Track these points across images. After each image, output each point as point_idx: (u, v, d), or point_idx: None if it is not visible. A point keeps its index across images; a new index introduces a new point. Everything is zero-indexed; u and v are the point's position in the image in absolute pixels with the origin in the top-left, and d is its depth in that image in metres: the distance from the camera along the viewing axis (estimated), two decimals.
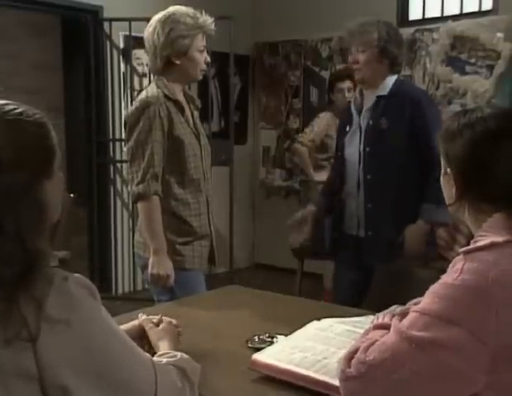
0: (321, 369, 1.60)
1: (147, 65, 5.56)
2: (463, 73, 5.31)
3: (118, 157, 5.86)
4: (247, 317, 2.26)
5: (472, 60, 5.27)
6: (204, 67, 2.88)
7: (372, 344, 1.40)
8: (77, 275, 1.32)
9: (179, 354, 1.55)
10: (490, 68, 5.16)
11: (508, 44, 5.09)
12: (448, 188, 1.55)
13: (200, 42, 2.82)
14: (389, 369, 1.34)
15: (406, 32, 5.71)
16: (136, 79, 5.87)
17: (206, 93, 5.71)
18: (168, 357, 1.53)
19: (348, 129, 3.26)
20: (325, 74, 6.33)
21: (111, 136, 5.85)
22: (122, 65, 5.82)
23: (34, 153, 1.31)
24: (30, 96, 7.02)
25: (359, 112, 3.20)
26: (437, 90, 5.49)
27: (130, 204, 5.76)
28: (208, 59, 2.88)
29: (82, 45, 5.82)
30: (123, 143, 5.63)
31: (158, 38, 2.73)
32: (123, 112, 5.68)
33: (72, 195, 4.52)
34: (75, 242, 5.89)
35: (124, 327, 1.79)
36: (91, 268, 5.94)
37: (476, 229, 1.47)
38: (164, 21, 2.74)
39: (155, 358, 1.53)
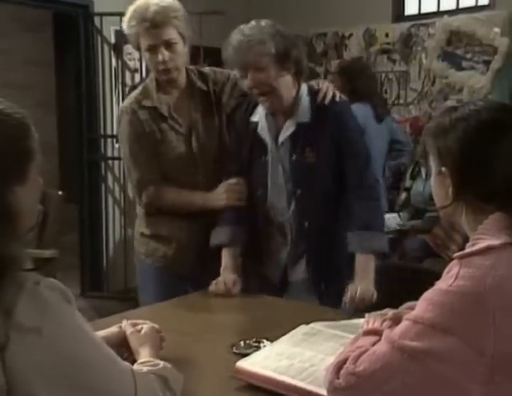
0: (308, 377, 1.53)
1: (139, 60, 5.52)
2: (460, 68, 5.26)
3: (109, 153, 5.78)
4: (234, 320, 2.18)
5: (469, 55, 5.22)
6: (160, 67, 2.54)
7: (363, 353, 1.33)
8: (50, 279, 1.26)
9: (162, 363, 1.48)
10: (487, 63, 5.11)
11: (505, 39, 5.04)
12: (442, 189, 1.45)
13: (145, 40, 2.52)
14: (380, 380, 1.28)
15: (402, 27, 5.69)
16: (128, 74, 5.79)
17: None
18: (149, 366, 1.46)
19: (263, 159, 2.55)
20: (320, 70, 6.28)
21: (102, 132, 5.77)
22: (113, 60, 5.74)
23: (5, 156, 1.24)
24: (22, 92, 7.00)
25: (275, 140, 2.53)
26: (433, 86, 5.46)
27: (122, 201, 5.70)
28: (160, 59, 2.50)
29: (73, 41, 5.75)
30: (114, 140, 5.60)
31: None
32: (114, 108, 5.61)
33: (60, 192, 4.46)
34: (66, 240, 5.82)
35: (103, 333, 1.72)
36: (82, 266, 5.87)
37: (473, 232, 1.39)
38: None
39: (136, 366, 1.46)
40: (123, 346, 1.70)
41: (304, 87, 2.52)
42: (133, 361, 1.55)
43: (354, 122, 2.61)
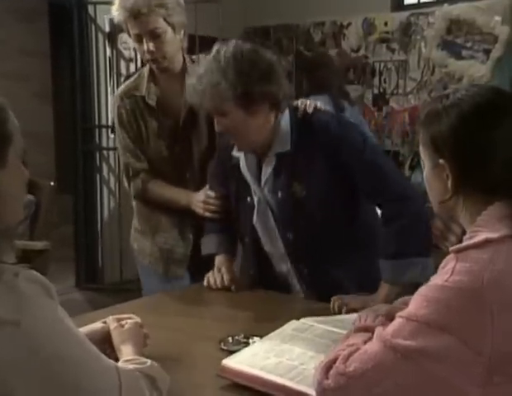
0: (297, 376, 1.45)
1: (134, 49, 5.43)
2: (459, 57, 5.16)
3: (104, 144, 5.71)
4: (223, 315, 2.11)
5: (469, 44, 5.13)
6: (146, 57, 2.46)
7: (353, 352, 1.26)
8: (31, 271, 1.20)
9: (149, 361, 1.42)
10: (487, 52, 5.00)
11: (505, 27, 4.94)
12: (440, 183, 1.36)
13: (130, 29, 2.43)
14: (371, 381, 1.21)
15: (401, 16, 5.61)
16: (123, 64, 5.70)
17: None
18: (136, 363, 1.40)
19: (249, 200, 2.26)
20: None
21: (96, 122, 5.68)
22: (108, 50, 5.66)
23: None
24: (18, 82, 6.95)
25: (258, 179, 2.23)
26: (432, 75, 5.37)
27: (118, 192, 5.62)
28: (145, 48, 2.41)
29: (68, 30, 5.66)
30: (109, 130, 5.54)
31: None
32: (109, 98, 5.53)
33: (52, 183, 4.40)
34: (60, 231, 5.77)
35: (86, 328, 1.66)
36: (77, 258, 5.80)
37: (471, 225, 1.32)
38: None
39: (121, 363, 1.40)
40: (107, 343, 1.64)
41: (285, 113, 2.18)
42: (116, 359, 1.49)
43: (348, 130, 2.18)
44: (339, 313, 2.01)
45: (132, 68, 5.60)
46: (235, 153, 2.26)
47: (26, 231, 4.32)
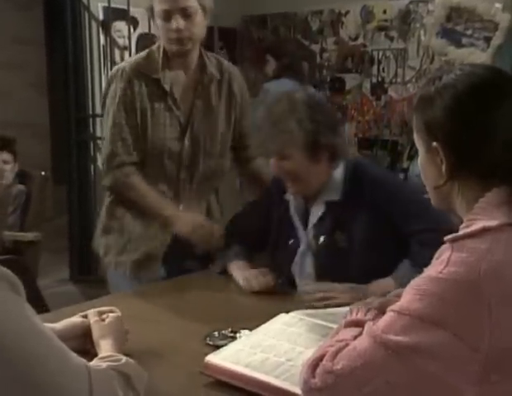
0: (283, 373, 1.38)
1: (128, 38, 5.36)
2: (459, 45, 5.08)
3: (98, 133, 5.60)
4: (210, 308, 2.02)
5: (469, 32, 5.05)
6: (172, 35, 2.31)
7: (342, 349, 1.18)
8: None
9: (124, 358, 1.34)
10: (488, 39, 4.93)
11: (507, 14, 4.88)
12: (434, 167, 1.28)
13: (159, 4, 2.29)
14: (360, 380, 1.13)
15: (400, 4, 5.54)
16: (117, 52, 5.60)
17: None
18: (110, 361, 1.32)
19: (291, 242, 2.27)
20: (316, 48, 6.09)
21: (90, 112, 5.58)
22: (102, 38, 5.55)
23: None
24: (13, 71, 6.87)
25: (305, 224, 2.25)
26: (431, 63, 5.30)
27: None
28: (174, 26, 2.28)
29: (62, 19, 5.56)
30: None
31: None
32: (103, 86, 5.40)
33: (43, 173, 4.32)
34: (55, 222, 5.69)
35: (65, 322, 1.60)
36: (71, 249, 5.72)
37: (467, 213, 1.23)
38: None
39: (94, 362, 1.32)
40: (87, 337, 1.57)
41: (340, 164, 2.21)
42: (95, 355, 1.42)
43: (398, 185, 2.23)
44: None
45: (126, 56, 5.51)
46: (287, 196, 2.28)
47: (16, 222, 4.25)
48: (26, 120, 6.77)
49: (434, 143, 1.25)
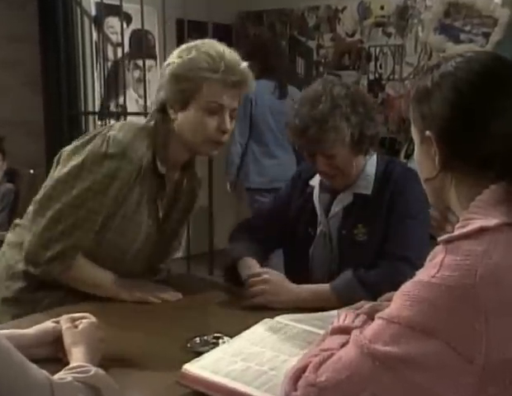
0: (265, 383, 1.28)
1: (121, 34, 5.27)
2: (458, 41, 5.04)
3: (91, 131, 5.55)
4: (194, 312, 1.91)
5: (467, 28, 5.00)
6: (213, 134, 1.95)
7: (326, 359, 1.09)
8: None
9: (94, 369, 1.24)
10: (487, 35, 4.89)
11: (505, 10, 4.83)
12: (427, 159, 1.21)
13: (213, 95, 1.93)
14: (345, 393, 1.05)
15: (398, 0, 5.46)
16: (110, 48, 5.55)
17: None
18: (77, 372, 1.22)
19: (310, 231, 2.23)
20: (312, 44, 6.06)
21: (83, 109, 5.54)
22: (94, 34, 5.50)
23: None
24: (7, 70, 6.79)
25: (326, 213, 2.21)
26: (429, 60, 5.26)
27: None
28: (225, 126, 1.95)
29: (55, 16, 5.49)
30: (96, 117, 5.41)
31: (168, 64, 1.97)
32: (96, 83, 5.41)
33: (32, 171, 4.25)
34: None
35: (36, 328, 1.51)
36: None
37: (463, 212, 1.14)
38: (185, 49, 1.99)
39: (59, 374, 1.22)
40: (59, 345, 1.47)
41: (373, 156, 2.21)
42: (67, 364, 1.33)
43: (411, 187, 2.12)
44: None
45: (119, 53, 5.44)
46: (312, 182, 2.27)
47: (4, 221, 4.17)
48: (20, 119, 6.71)
49: (427, 132, 1.18)
